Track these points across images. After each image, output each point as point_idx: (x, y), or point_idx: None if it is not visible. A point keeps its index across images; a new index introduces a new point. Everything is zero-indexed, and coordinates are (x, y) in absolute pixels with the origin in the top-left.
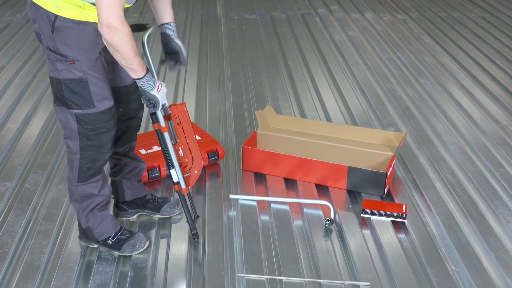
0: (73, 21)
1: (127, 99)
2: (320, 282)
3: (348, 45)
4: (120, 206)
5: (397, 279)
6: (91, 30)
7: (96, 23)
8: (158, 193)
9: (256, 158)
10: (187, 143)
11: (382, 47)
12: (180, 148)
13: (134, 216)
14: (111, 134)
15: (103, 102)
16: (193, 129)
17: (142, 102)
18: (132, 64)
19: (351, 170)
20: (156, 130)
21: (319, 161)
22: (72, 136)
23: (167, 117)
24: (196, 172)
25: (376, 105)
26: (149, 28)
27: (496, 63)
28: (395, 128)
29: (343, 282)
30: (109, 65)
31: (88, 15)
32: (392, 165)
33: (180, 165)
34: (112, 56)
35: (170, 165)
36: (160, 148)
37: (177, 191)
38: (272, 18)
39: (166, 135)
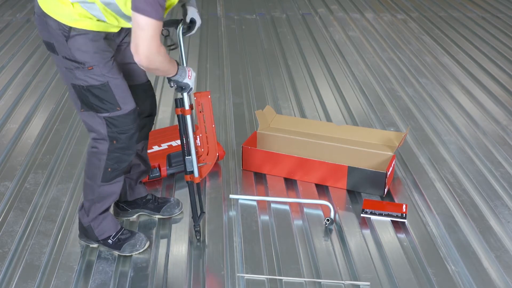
0: (86, 30)
1: (143, 96)
2: (320, 282)
3: (348, 45)
4: (121, 206)
5: (397, 279)
6: (102, 36)
7: (109, 32)
8: (158, 193)
9: (256, 158)
10: (206, 133)
11: (382, 47)
12: (198, 136)
13: (134, 216)
14: (137, 134)
15: (128, 103)
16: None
17: (170, 86)
18: (168, 73)
19: (351, 170)
20: (178, 115)
21: (319, 161)
22: (101, 138)
23: (190, 106)
24: (209, 163)
25: (376, 105)
26: (182, 22)
27: (496, 63)
28: (395, 128)
29: (343, 282)
30: (122, 66)
31: (103, 26)
32: (392, 165)
33: (196, 154)
34: (122, 58)
35: (187, 152)
36: (160, 148)
37: (187, 182)
38: (272, 18)
39: (188, 118)
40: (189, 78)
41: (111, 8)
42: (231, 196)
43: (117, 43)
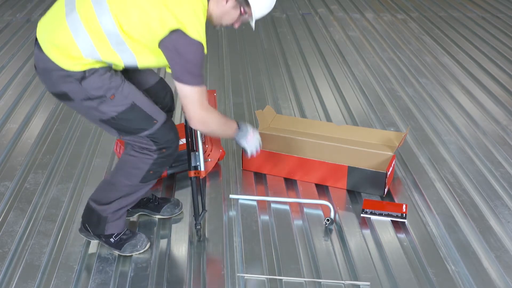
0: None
1: (161, 94)
2: (320, 282)
3: (348, 45)
4: None
5: (397, 279)
6: (109, 67)
7: (115, 64)
8: (159, 193)
9: (256, 158)
10: None
11: (382, 47)
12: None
13: (134, 216)
14: (178, 140)
15: (159, 113)
16: None
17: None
18: (226, 133)
19: (351, 170)
20: None
21: (319, 161)
22: (149, 151)
23: None
24: (212, 160)
25: (376, 105)
26: None
27: (496, 63)
28: (395, 128)
29: (343, 282)
30: (131, 75)
31: (112, 63)
32: (392, 165)
33: None
34: (129, 71)
35: (193, 148)
36: None
37: (191, 178)
38: (272, 18)
39: None
40: (248, 141)
41: (128, 65)
42: (231, 196)
43: None
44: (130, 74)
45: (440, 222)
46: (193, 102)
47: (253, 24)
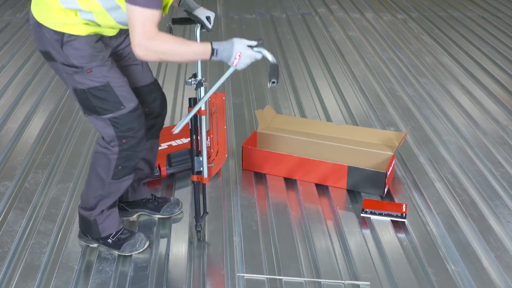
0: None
1: (150, 98)
2: (320, 282)
3: (348, 44)
4: (121, 206)
5: (397, 278)
6: (96, 38)
7: (103, 34)
8: (158, 193)
9: (256, 158)
10: (217, 133)
11: (382, 46)
12: (208, 137)
13: (134, 216)
14: (144, 131)
15: (130, 100)
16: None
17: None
18: (190, 58)
19: (351, 169)
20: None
21: (319, 160)
22: (109, 140)
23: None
24: (217, 164)
25: (376, 104)
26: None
27: (496, 62)
28: (395, 128)
29: (343, 281)
30: (124, 68)
31: (95, 30)
32: (392, 164)
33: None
34: (125, 59)
35: (197, 152)
36: (160, 148)
37: (193, 182)
38: (272, 17)
39: (204, 119)
40: (234, 63)
41: (114, 16)
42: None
43: (118, 42)
44: (122, 71)
45: (440, 222)
46: (135, 26)
47: None
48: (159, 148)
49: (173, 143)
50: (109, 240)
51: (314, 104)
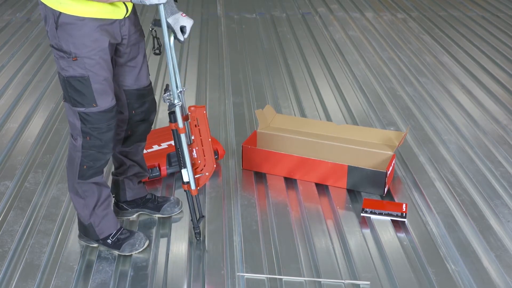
0: (76, 18)
1: (140, 101)
2: (320, 281)
3: (348, 44)
4: (120, 205)
5: (397, 278)
6: (93, 27)
7: (98, 19)
8: (158, 193)
9: (256, 157)
10: (202, 146)
11: (382, 46)
12: (194, 149)
13: (134, 216)
14: (112, 133)
15: (106, 100)
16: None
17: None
18: None
19: (351, 169)
20: (172, 130)
21: (319, 160)
22: (76, 133)
23: (185, 117)
24: (207, 174)
25: (376, 104)
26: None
27: (496, 62)
28: (395, 128)
29: (343, 281)
30: (121, 67)
31: (91, 11)
32: (392, 164)
33: (192, 166)
34: (125, 58)
35: (182, 165)
36: (160, 148)
37: (185, 191)
38: (272, 17)
39: (183, 136)
40: None
41: None
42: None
43: (117, 40)
44: (117, 68)
45: (440, 222)
46: None
47: None
48: (160, 148)
49: (173, 142)
50: (109, 241)
51: (314, 103)
